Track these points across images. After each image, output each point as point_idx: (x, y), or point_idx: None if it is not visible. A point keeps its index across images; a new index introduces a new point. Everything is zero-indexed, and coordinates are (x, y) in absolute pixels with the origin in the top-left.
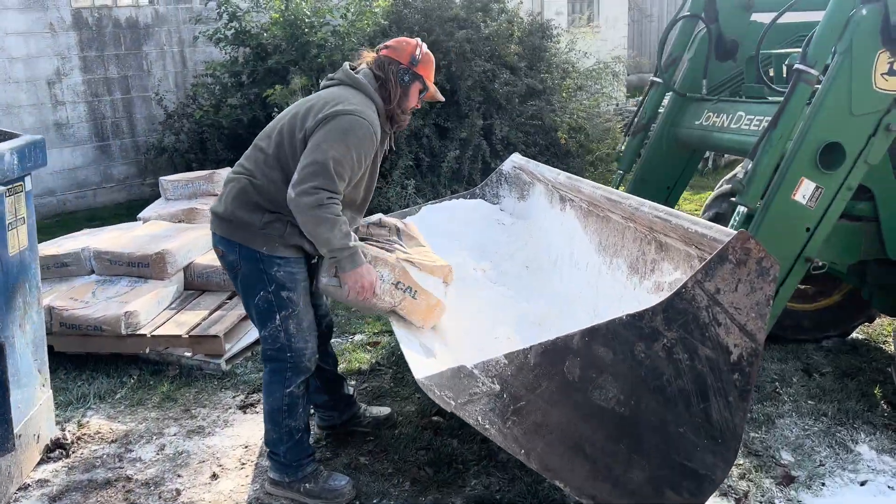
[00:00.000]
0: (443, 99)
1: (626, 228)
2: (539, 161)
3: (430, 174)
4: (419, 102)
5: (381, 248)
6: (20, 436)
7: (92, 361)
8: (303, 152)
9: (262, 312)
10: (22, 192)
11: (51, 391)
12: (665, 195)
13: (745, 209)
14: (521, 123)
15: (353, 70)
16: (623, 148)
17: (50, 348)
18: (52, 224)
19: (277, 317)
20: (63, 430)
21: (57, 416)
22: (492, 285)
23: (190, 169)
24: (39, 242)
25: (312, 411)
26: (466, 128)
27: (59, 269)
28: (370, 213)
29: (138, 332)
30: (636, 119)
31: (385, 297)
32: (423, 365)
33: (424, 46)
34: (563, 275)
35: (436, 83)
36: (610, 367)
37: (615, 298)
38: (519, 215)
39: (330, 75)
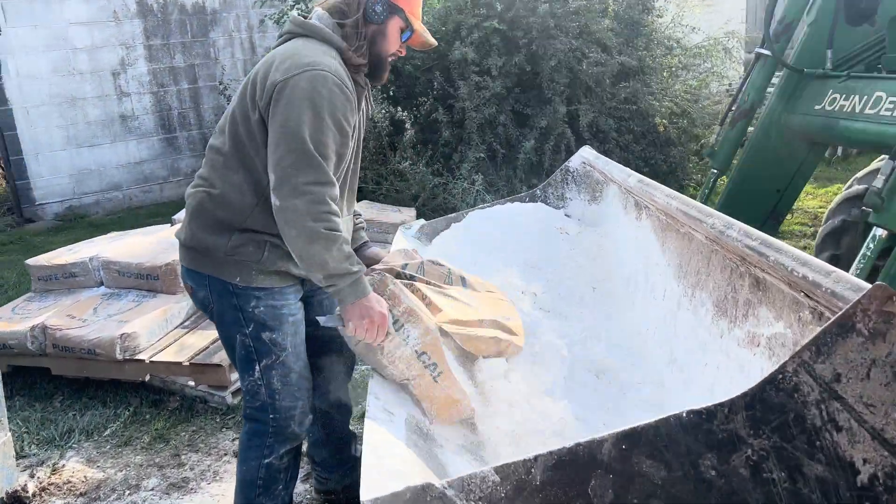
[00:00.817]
0: (434, 42)
1: (713, 253)
2: (635, 150)
3: (506, 167)
4: (402, 47)
5: (424, 295)
6: None
7: (92, 386)
8: (266, 141)
9: (240, 360)
10: None
11: (8, 435)
12: (774, 201)
13: (884, 232)
14: (613, 108)
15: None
16: (718, 141)
17: (47, 371)
18: (113, 221)
19: (257, 366)
20: (33, 475)
21: (34, 455)
22: (541, 315)
23: None
24: (73, 245)
25: (308, 468)
26: (548, 114)
27: (67, 279)
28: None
29: (136, 357)
30: (736, 103)
31: (398, 364)
32: (377, 472)
33: None
34: (635, 302)
35: (515, 64)
36: (660, 489)
37: (697, 345)
38: (589, 222)
39: (279, 32)
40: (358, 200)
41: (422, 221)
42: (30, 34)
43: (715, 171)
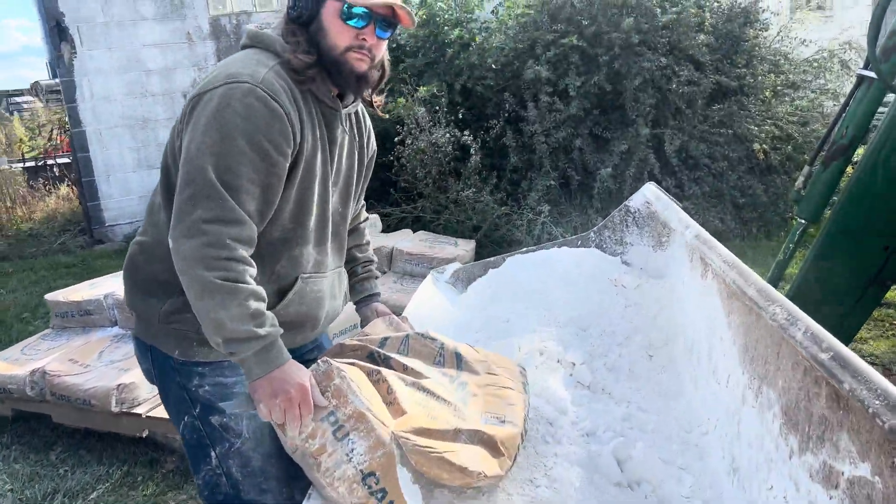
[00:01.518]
0: (405, 21)
1: (783, 341)
2: (730, 179)
3: (581, 195)
4: (365, 33)
5: (391, 389)
6: None
7: (93, 437)
8: None
9: (191, 448)
10: None
11: None
12: (880, 262)
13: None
14: (705, 132)
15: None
16: (805, 184)
17: (48, 417)
18: None
19: (213, 453)
20: None
21: None
22: (574, 395)
23: None
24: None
25: None
26: (630, 138)
27: (82, 317)
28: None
29: (132, 411)
30: (830, 138)
31: (338, 486)
32: None
33: None
34: (697, 382)
35: (594, 83)
36: None
37: (763, 459)
38: (652, 272)
39: None
40: (414, 231)
41: (456, 265)
42: (104, 56)
43: (802, 220)
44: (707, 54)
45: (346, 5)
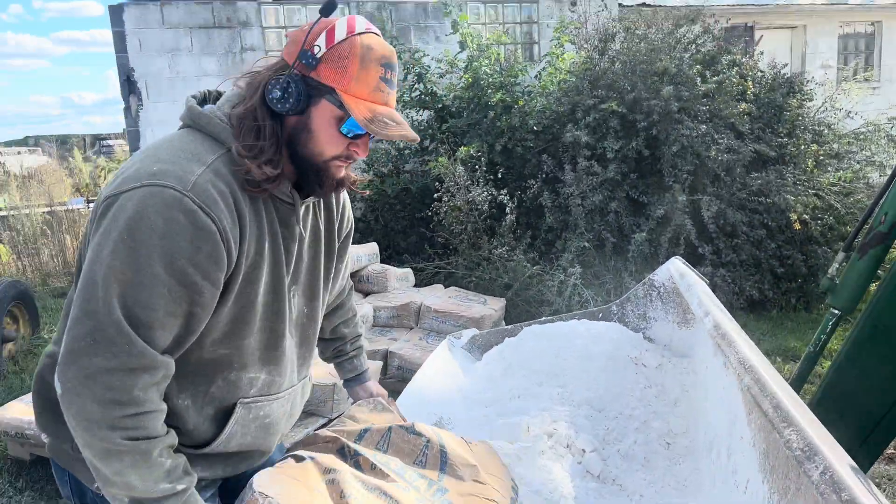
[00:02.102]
0: (403, 136)
1: (801, 475)
2: (769, 248)
3: (616, 258)
4: (354, 146)
5: (344, 494)
6: None
7: None
8: None
9: None
10: None
11: None
12: None
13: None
14: (744, 199)
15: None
16: (840, 271)
17: None
18: None
19: None
20: None
21: None
22: (579, 489)
23: (364, 240)
24: None
25: None
26: (666, 203)
27: None
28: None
29: None
30: (869, 222)
31: None
32: None
33: (360, 24)
34: (715, 479)
35: (633, 148)
36: None
37: None
38: (677, 350)
39: None
40: (446, 286)
41: (473, 331)
42: (168, 108)
43: (835, 311)
44: (748, 123)
45: (349, 119)
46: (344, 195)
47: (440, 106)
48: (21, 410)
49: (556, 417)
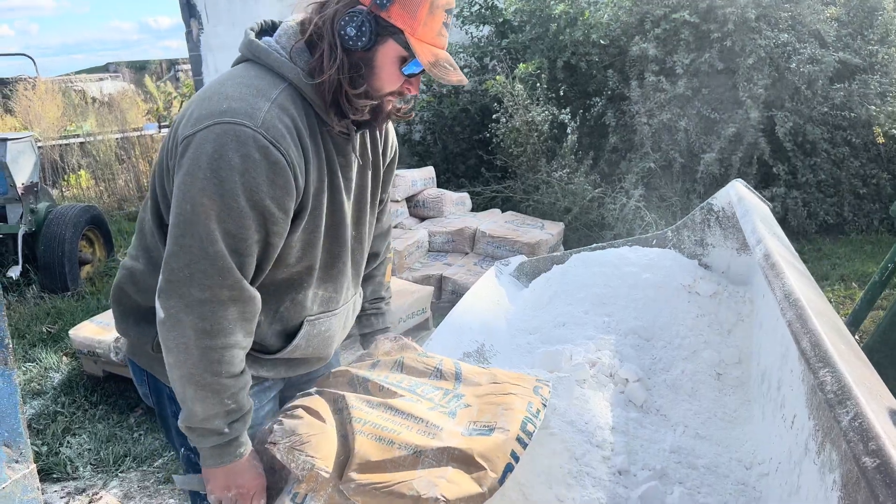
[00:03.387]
0: (460, 80)
1: (834, 407)
2: (851, 167)
3: (685, 179)
4: (411, 83)
5: (349, 417)
6: None
7: None
8: None
9: (187, 482)
10: None
11: (31, 466)
12: None
13: None
14: (826, 115)
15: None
16: None
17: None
18: None
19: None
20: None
21: (83, 479)
22: (621, 418)
23: (423, 163)
24: None
25: None
26: (738, 120)
27: None
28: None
29: None
30: None
31: None
32: None
33: None
34: (765, 411)
35: (705, 61)
36: None
37: None
38: (735, 278)
39: None
40: (503, 211)
41: (521, 258)
42: (227, 32)
43: None
44: (835, 29)
45: (413, 60)
46: (389, 124)
47: (501, 20)
48: (93, 330)
49: (601, 346)
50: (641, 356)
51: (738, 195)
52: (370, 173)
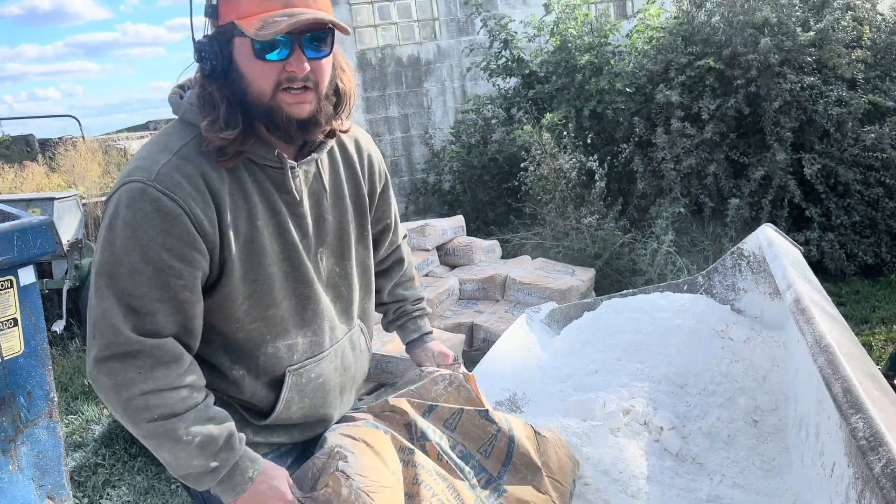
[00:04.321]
0: (324, 18)
1: (866, 454)
2: (887, 208)
3: (714, 223)
4: (288, 66)
5: (417, 481)
6: None
7: None
8: None
9: None
10: (11, 289)
11: None
12: None
13: None
14: (857, 156)
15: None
16: None
17: None
18: None
19: None
20: None
21: None
22: (656, 468)
23: (453, 212)
24: None
25: None
26: (766, 163)
27: None
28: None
29: None
30: None
31: None
32: None
33: None
34: (803, 460)
35: (731, 106)
36: None
37: None
38: (768, 323)
39: None
40: (533, 257)
41: (552, 305)
42: None
43: None
44: (862, 71)
45: (252, 41)
46: (372, 149)
47: (527, 72)
48: None
49: (635, 394)
50: (676, 403)
51: (768, 240)
52: (350, 205)
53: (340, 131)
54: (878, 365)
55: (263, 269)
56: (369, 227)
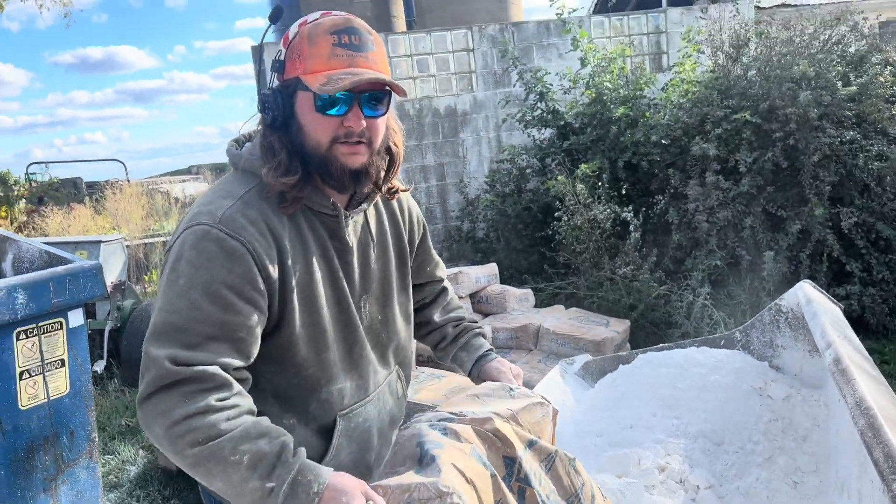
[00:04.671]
0: (381, 78)
1: None
2: None
3: (751, 276)
4: (345, 121)
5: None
6: None
7: None
8: None
9: None
10: (61, 330)
11: None
12: None
13: None
14: (893, 211)
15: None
16: None
17: None
18: None
19: None
20: None
21: None
22: None
23: (486, 260)
24: None
25: None
26: (804, 217)
27: None
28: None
29: None
30: None
31: None
32: None
33: (314, 15)
34: None
35: (769, 160)
36: None
37: None
38: (808, 381)
39: None
40: (567, 307)
41: (586, 357)
42: None
43: None
44: None
45: (315, 95)
46: (411, 202)
47: (562, 123)
48: None
49: (670, 450)
50: (713, 462)
51: (807, 297)
52: (393, 255)
53: (402, 190)
54: None
55: (319, 313)
56: (410, 275)
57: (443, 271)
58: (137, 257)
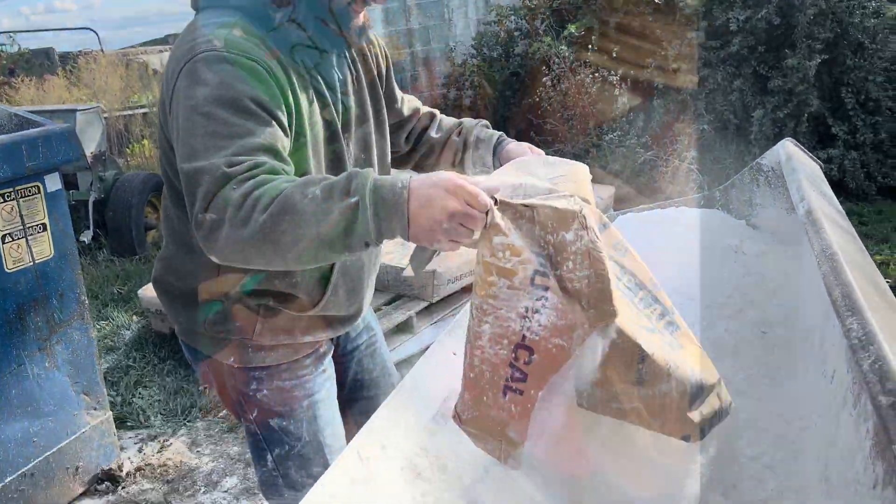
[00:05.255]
0: None
1: (857, 352)
2: None
3: (738, 140)
4: None
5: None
6: (33, 473)
7: None
8: None
9: (250, 448)
10: (39, 195)
11: (108, 413)
12: None
13: None
14: (885, 70)
15: None
16: None
17: None
18: None
19: (269, 456)
20: (141, 450)
21: (154, 427)
22: None
23: None
24: None
25: None
26: (790, 76)
27: None
28: None
29: None
30: None
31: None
32: None
33: None
34: (808, 370)
35: (762, 18)
36: None
37: (850, 478)
38: (782, 238)
39: None
40: None
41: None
42: None
43: None
44: None
45: None
46: (373, 35)
47: None
48: None
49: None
50: (684, 314)
51: (788, 154)
52: (368, 96)
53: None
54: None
55: (321, 148)
56: (385, 112)
57: (415, 103)
58: (118, 129)
